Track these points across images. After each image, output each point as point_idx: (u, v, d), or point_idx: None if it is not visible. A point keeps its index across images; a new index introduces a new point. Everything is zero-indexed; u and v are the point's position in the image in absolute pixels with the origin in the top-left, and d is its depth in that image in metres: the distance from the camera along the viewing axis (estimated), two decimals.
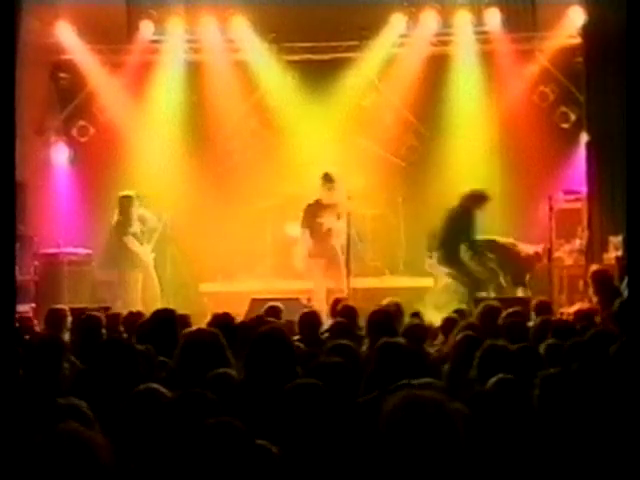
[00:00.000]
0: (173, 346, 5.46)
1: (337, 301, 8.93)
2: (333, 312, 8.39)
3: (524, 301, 9.82)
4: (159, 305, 11.64)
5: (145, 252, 12.77)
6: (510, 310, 7.24)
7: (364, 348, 6.23)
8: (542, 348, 5.51)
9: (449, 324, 7.28)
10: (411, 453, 2.60)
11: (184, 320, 7.10)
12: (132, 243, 12.65)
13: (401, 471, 2.61)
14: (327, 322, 7.92)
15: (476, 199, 12.06)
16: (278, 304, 8.44)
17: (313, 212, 12.50)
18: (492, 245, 12.23)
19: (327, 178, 12.40)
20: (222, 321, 6.52)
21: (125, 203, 12.69)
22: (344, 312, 7.68)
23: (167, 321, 6.22)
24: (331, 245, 12.46)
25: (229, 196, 14.01)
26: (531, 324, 7.26)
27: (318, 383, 3.92)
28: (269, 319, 7.51)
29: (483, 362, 4.63)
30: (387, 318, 6.67)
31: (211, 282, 13.79)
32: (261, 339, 4.80)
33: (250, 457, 3.02)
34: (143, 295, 12.47)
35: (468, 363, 4.91)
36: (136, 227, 12.75)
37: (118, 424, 3.49)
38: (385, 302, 8.26)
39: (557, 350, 5.33)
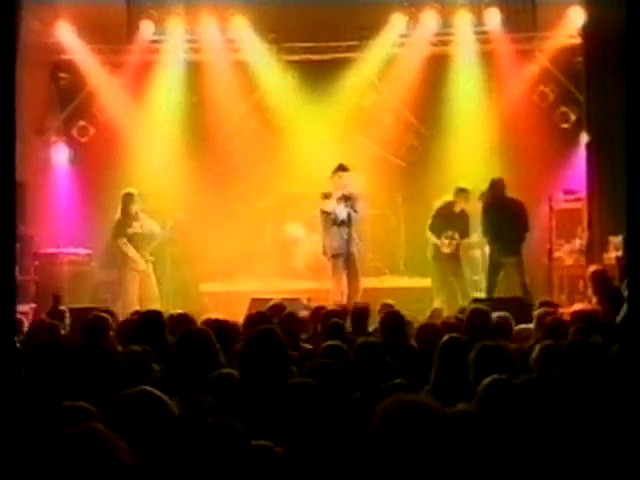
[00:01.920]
0: (162, 348, 5.48)
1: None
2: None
3: (521, 301, 9.79)
4: (158, 305, 11.66)
5: (139, 256, 12.62)
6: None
7: None
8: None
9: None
10: (404, 457, 2.62)
11: (186, 319, 7.08)
12: (126, 246, 12.53)
13: (394, 474, 2.62)
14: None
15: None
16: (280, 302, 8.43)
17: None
18: None
19: (339, 167, 12.28)
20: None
21: (125, 200, 12.59)
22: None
23: (154, 323, 6.21)
24: (347, 239, 12.21)
25: (229, 196, 14.01)
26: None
27: (312, 382, 3.92)
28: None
29: (478, 364, 4.58)
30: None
31: (211, 282, 13.79)
32: (253, 339, 4.80)
33: (247, 458, 3.02)
34: (141, 295, 12.44)
35: (454, 365, 4.90)
36: (136, 227, 12.67)
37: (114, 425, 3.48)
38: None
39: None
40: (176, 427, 3.44)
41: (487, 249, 12.37)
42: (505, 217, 11.84)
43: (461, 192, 12.58)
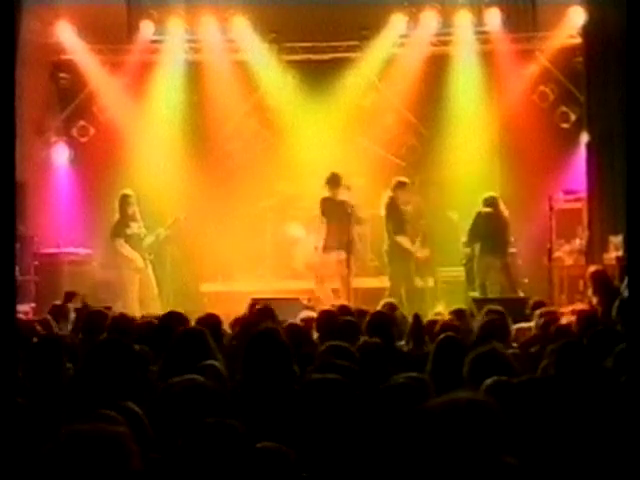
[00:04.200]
0: None
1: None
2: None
3: (523, 301, 9.79)
4: (157, 305, 11.65)
5: (138, 255, 12.60)
6: None
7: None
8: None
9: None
10: (458, 455, 2.58)
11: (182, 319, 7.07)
12: (123, 247, 12.52)
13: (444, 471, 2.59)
14: None
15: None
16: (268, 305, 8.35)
17: (329, 206, 12.34)
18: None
19: (335, 180, 12.30)
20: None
21: (122, 202, 12.56)
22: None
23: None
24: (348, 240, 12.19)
25: (229, 196, 14.01)
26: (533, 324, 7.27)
27: (339, 378, 3.81)
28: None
29: (475, 366, 4.56)
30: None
31: (211, 282, 13.80)
32: (256, 340, 4.79)
33: (247, 458, 3.01)
34: (141, 295, 12.43)
35: (450, 363, 4.89)
36: (134, 227, 12.65)
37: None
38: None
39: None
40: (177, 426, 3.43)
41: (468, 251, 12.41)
42: (494, 226, 12.11)
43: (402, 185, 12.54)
